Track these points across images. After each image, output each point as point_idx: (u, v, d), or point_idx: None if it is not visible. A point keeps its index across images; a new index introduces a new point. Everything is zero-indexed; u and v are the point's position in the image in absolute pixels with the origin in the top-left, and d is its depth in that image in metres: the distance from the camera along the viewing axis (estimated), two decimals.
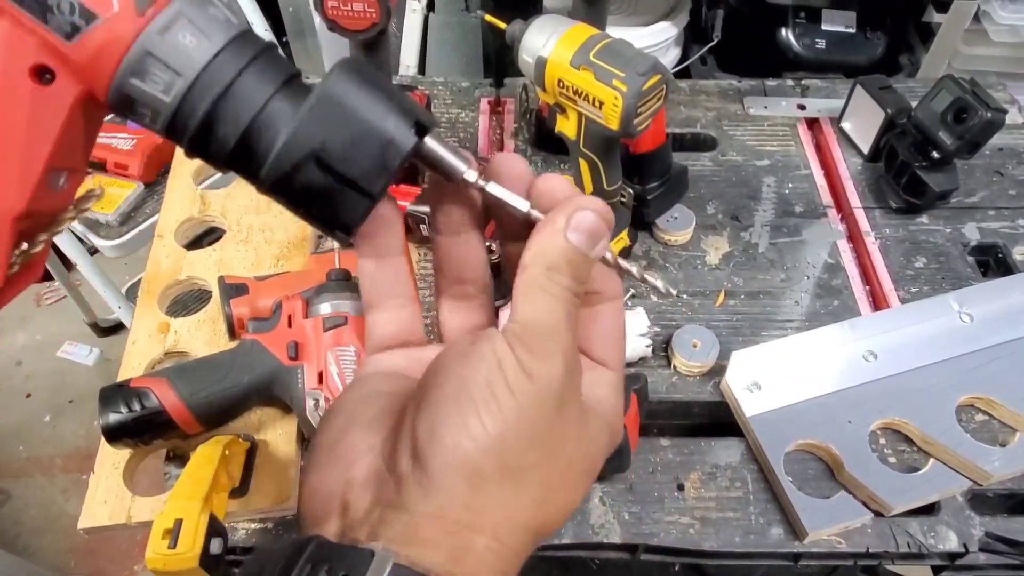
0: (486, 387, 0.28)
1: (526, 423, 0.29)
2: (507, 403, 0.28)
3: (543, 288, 0.30)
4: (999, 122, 0.87)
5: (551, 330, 0.30)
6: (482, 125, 1.09)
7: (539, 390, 0.29)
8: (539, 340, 0.29)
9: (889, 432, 0.77)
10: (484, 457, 0.28)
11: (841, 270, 0.92)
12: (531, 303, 0.30)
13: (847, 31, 1.48)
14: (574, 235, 0.30)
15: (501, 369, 0.29)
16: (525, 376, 0.29)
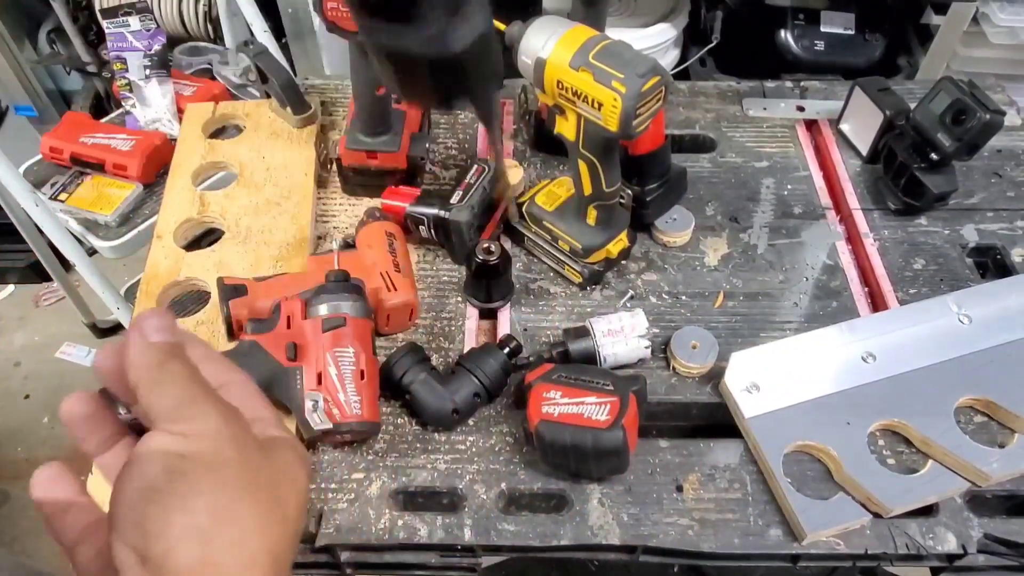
0: (163, 472, 0.33)
1: (211, 471, 0.33)
2: (185, 468, 0.33)
3: (158, 380, 0.35)
4: (997, 124, 0.87)
5: (190, 398, 0.35)
6: (481, 127, 1.09)
7: (206, 442, 0.34)
8: (184, 410, 0.34)
9: (888, 433, 0.77)
10: (199, 515, 0.32)
11: (840, 271, 0.92)
12: (157, 395, 0.35)
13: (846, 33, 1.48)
14: (153, 336, 0.36)
15: (165, 450, 0.33)
16: (187, 440, 0.33)
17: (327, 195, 1.00)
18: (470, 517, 0.72)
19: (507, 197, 0.90)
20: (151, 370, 0.35)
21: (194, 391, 0.35)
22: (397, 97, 0.97)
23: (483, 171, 0.89)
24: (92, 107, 2.04)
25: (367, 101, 0.89)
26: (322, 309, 0.75)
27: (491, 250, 0.82)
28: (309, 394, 0.71)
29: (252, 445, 0.36)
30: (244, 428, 0.36)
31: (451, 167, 1.03)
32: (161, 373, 0.35)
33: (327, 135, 1.07)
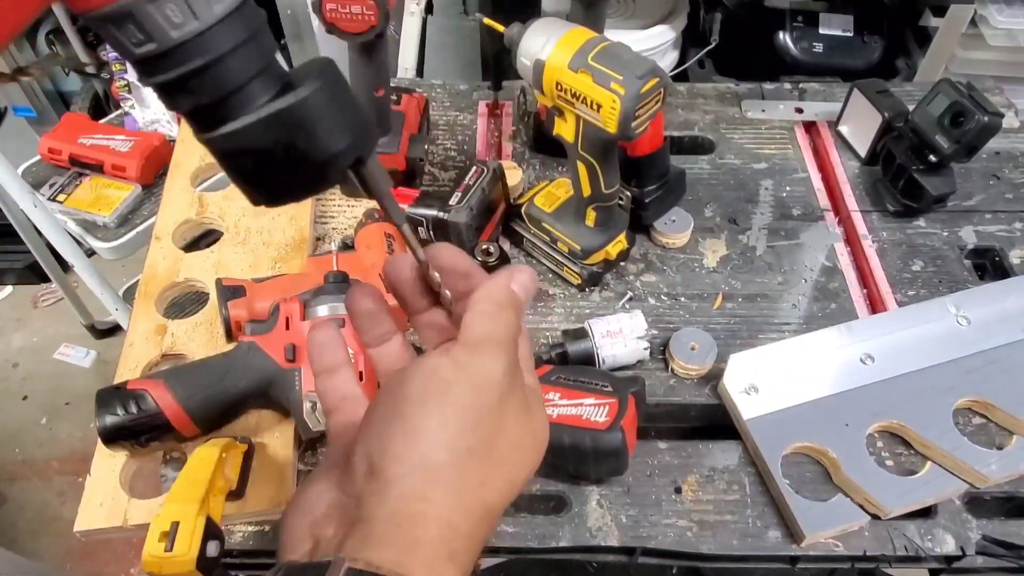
0: (429, 392, 0.34)
1: (470, 413, 0.34)
2: (450, 399, 0.34)
3: (492, 316, 0.37)
4: (996, 126, 0.87)
5: (496, 340, 0.36)
6: (480, 128, 1.09)
7: (478, 383, 0.34)
8: (484, 344, 0.35)
9: (886, 435, 0.77)
10: (436, 450, 0.33)
11: (838, 273, 0.92)
12: (481, 325, 0.36)
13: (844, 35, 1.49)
14: (516, 286, 0.38)
15: (442, 375, 0.34)
16: (465, 374, 0.34)
17: (326, 196, 1.00)
18: None
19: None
20: (500, 301, 0.37)
21: (503, 338, 0.36)
22: (396, 98, 0.98)
23: (482, 172, 0.89)
24: (91, 108, 2.04)
25: (366, 102, 0.89)
26: (321, 310, 0.75)
27: (490, 251, 0.82)
28: (308, 395, 0.71)
29: (515, 407, 0.36)
30: (518, 391, 0.37)
31: (450, 168, 1.03)
32: (501, 308, 0.37)
33: None
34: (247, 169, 0.34)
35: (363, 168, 0.37)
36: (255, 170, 0.34)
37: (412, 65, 1.44)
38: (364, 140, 0.36)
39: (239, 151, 0.33)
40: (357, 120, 0.35)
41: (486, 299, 0.37)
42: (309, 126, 0.33)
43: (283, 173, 0.34)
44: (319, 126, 0.33)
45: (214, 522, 0.62)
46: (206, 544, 0.60)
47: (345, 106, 0.35)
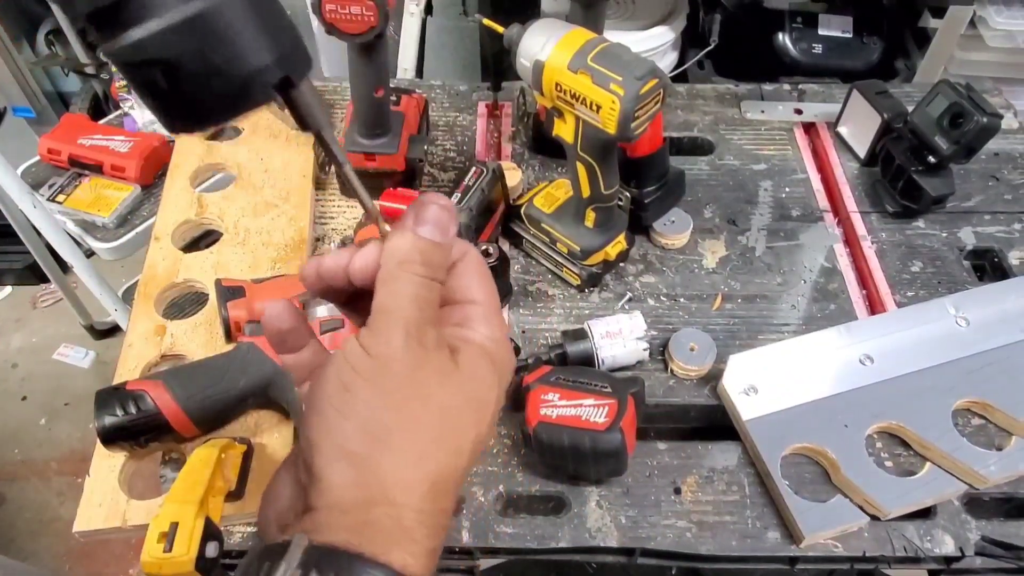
0: (337, 381, 0.34)
1: (377, 393, 0.33)
2: (355, 384, 0.33)
3: (392, 278, 0.35)
4: (995, 127, 0.87)
5: (391, 310, 0.34)
6: (480, 129, 1.09)
7: (381, 361, 0.33)
8: (380, 321, 0.34)
9: (885, 436, 0.77)
10: (351, 438, 0.33)
11: (838, 274, 0.92)
12: (379, 295, 0.35)
13: (844, 36, 1.49)
14: (424, 229, 0.36)
15: (347, 361, 0.34)
16: (366, 356, 0.34)
17: (325, 197, 1.00)
18: (468, 519, 0.72)
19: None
20: (392, 263, 0.35)
21: (395, 306, 0.34)
22: (395, 99, 0.98)
23: (481, 173, 0.89)
24: (90, 109, 2.03)
25: (365, 103, 0.89)
26: (320, 311, 0.75)
27: (489, 252, 0.82)
28: None
29: (433, 372, 0.35)
30: (432, 355, 0.35)
31: (449, 169, 1.03)
32: (392, 273, 0.35)
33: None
34: (157, 86, 0.30)
35: (294, 92, 0.33)
36: (167, 87, 0.30)
37: (411, 66, 1.44)
38: (293, 59, 0.33)
39: (146, 62, 0.29)
40: (287, 36, 0.32)
41: (386, 260, 0.35)
42: (224, 35, 0.30)
43: (199, 90, 0.30)
44: (238, 36, 0.30)
45: (213, 523, 0.62)
46: (205, 545, 0.60)
47: (271, 17, 0.32)
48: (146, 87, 0.31)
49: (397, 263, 0.35)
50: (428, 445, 0.34)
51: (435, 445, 0.34)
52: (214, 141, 1.04)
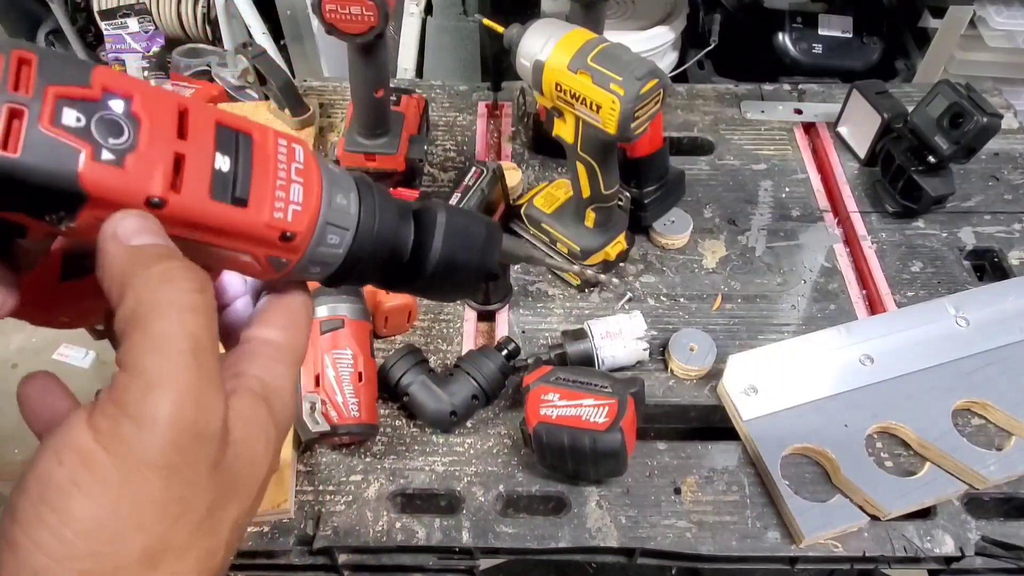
0: (62, 474, 0.24)
1: (119, 505, 0.24)
2: (85, 486, 0.24)
3: (149, 304, 0.25)
4: (994, 127, 0.87)
5: (150, 369, 0.24)
6: (480, 129, 1.09)
7: (128, 464, 0.24)
8: (132, 390, 0.24)
9: (885, 436, 0.77)
10: (71, 557, 0.23)
11: (838, 274, 0.92)
12: (133, 335, 0.25)
13: (844, 36, 1.49)
14: (121, 237, 0.25)
15: (76, 454, 0.24)
16: (103, 451, 0.24)
17: None
18: (468, 519, 0.72)
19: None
20: (142, 273, 0.25)
21: (172, 361, 0.25)
22: (395, 99, 0.98)
23: (481, 173, 0.89)
24: None
25: (365, 103, 0.89)
26: (320, 311, 0.75)
27: None
28: (307, 396, 0.71)
29: (204, 466, 0.26)
30: (204, 437, 0.25)
31: (449, 169, 1.03)
32: (159, 289, 0.25)
33: (326, 137, 1.07)
34: (450, 284, 0.38)
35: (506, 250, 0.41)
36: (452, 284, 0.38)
37: (412, 66, 1.44)
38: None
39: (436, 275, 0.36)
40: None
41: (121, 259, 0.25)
42: (462, 230, 0.37)
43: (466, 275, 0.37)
44: (467, 228, 0.37)
45: None
46: None
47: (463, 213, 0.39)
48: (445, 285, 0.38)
49: (154, 272, 0.25)
50: (177, 564, 0.25)
51: (190, 562, 0.26)
52: None
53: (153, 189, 0.26)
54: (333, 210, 0.31)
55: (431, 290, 0.37)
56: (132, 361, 0.25)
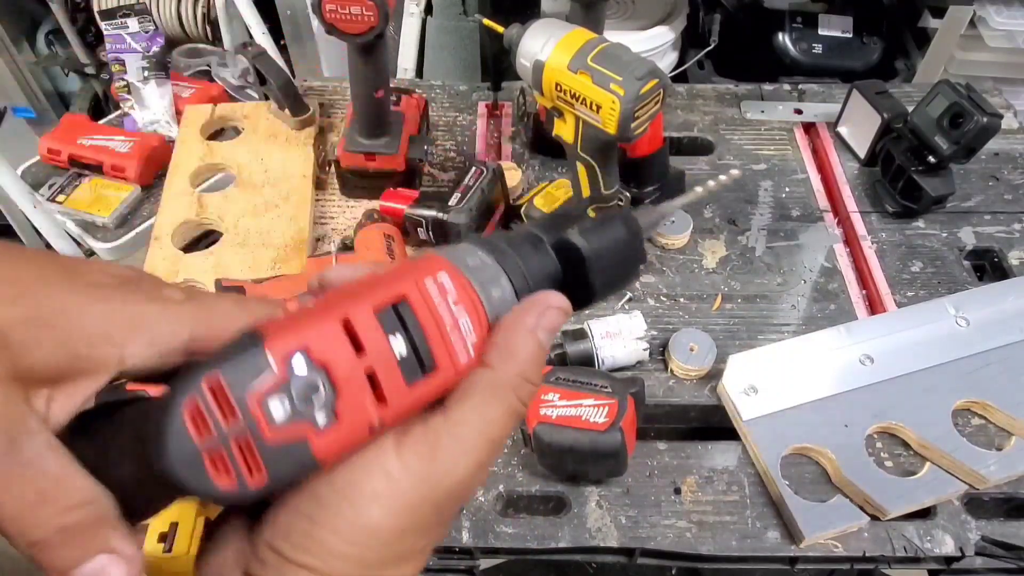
0: (372, 495, 0.27)
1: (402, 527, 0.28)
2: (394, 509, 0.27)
3: (502, 395, 0.29)
4: (994, 127, 0.87)
5: (471, 435, 0.29)
6: (480, 129, 1.09)
7: (423, 491, 0.28)
8: (453, 439, 0.28)
9: (885, 436, 0.77)
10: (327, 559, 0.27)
11: (838, 274, 0.92)
12: (482, 409, 0.29)
13: (844, 36, 1.49)
14: (543, 334, 0.30)
15: (374, 471, 0.28)
16: (411, 486, 0.28)
17: (325, 197, 1.00)
18: (468, 519, 0.72)
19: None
20: (515, 376, 0.30)
21: (500, 439, 0.30)
22: (395, 99, 0.98)
23: (481, 173, 0.89)
24: (90, 109, 2.03)
25: (366, 103, 0.89)
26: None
27: None
28: None
29: (458, 506, 0.30)
30: (473, 489, 0.30)
31: (449, 169, 1.03)
32: (519, 386, 0.30)
33: (326, 137, 1.07)
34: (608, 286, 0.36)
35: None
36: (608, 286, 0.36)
37: (412, 66, 1.44)
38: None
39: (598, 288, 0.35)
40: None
41: (505, 361, 0.29)
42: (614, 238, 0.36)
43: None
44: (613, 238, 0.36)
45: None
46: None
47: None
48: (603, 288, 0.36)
49: (517, 374, 0.30)
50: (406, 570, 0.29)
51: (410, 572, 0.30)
52: (214, 141, 1.04)
53: (372, 419, 0.27)
54: (497, 310, 0.31)
55: (597, 302, 0.37)
56: (456, 415, 0.29)
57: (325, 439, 0.26)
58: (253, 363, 0.25)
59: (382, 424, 0.27)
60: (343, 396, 0.26)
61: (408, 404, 0.28)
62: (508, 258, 0.32)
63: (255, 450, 0.25)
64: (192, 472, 0.24)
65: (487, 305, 0.30)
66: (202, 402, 0.24)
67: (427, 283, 0.29)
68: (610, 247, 0.35)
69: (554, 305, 0.31)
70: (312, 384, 0.26)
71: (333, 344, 0.26)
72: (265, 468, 0.25)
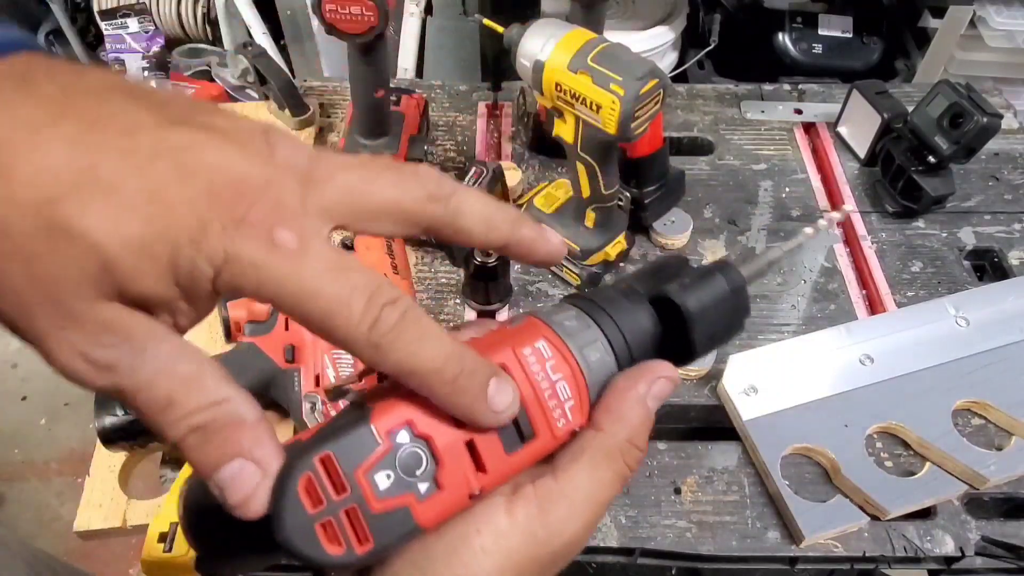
0: (480, 550, 0.28)
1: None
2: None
3: (612, 459, 0.30)
4: (994, 127, 0.87)
5: (583, 501, 0.30)
6: (480, 129, 1.09)
7: (532, 553, 0.29)
8: (565, 504, 0.29)
9: (885, 436, 0.77)
10: None
11: (838, 274, 0.92)
12: (591, 471, 0.30)
13: (844, 36, 1.49)
14: (652, 402, 0.32)
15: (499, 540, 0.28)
16: (519, 546, 0.29)
17: None
18: None
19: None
20: (624, 441, 0.31)
21: (606, 500, 0.31)
22: (395, 99, 0.98)
23: (481, 173, 0.89)
24: None
25: (365, 103, 0.89)
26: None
27: (489, 252, 0.82)
28: (307, 396, 0.71)
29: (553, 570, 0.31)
30: (573, 555, 0.31)
31: (449, 169, 1.03)
32: (627, 452, 0.31)
33: (325, 137, 1.07)
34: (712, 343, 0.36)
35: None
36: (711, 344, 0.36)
37: (411, 66, 1.44)
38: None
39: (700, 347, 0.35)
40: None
41: (618, 427, 0.31)
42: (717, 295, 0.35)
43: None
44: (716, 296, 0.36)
45: None
46: None
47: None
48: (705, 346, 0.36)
49: (627, 439, 0.31)
50: None
51: None
52: None
53: (472, 488, 0.28)
54: (595, 373, 0.31)
55: (699, 358, 0.37)
56: (566, 477, 0.30)
57: (427, 507, 0.27)
58: (360, 439, 0.27)
59: (483, 491, 0.28)
60: (444, 467, 0.27)
61: (508, 472, 0.29)
62: (605, 318, 0.32)
63: (362, 519, 0.26)
64: (306, 541, 0.26)
65: (585, 369, 0.31)
66: (315, 477, 0.26)
67: (525, 351, 0.30)
68: (711, 303, 0.34)
69: (665, 375, 0.32)
70: (415, 456, 0.27)
71: (435, 417, 0.28)
72: (371, 536, 0.26)
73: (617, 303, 0.33)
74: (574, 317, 0.32)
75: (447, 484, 0.27)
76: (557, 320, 0.32)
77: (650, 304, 0.34)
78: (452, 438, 0.28)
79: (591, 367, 0.31)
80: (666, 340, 0.34)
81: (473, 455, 0.28)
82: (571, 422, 0.30)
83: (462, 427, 0.28)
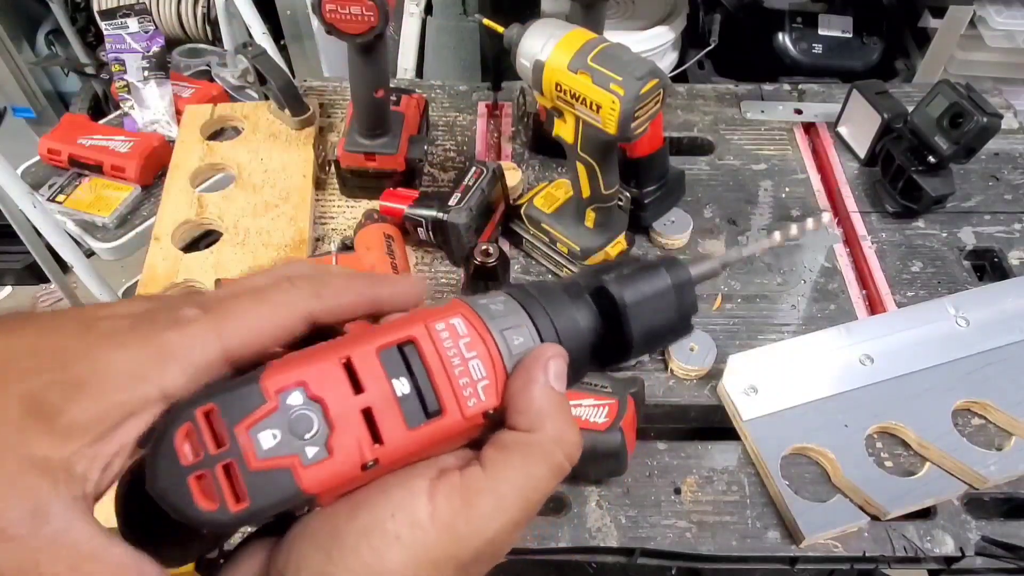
0: (394, 537, 0.27)
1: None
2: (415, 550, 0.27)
3: (548, 454, 0.29)
4: (994, 127, 0.87)
5: (508, 494, 0.28)
6: (480, 129, 1.09)
7: (451, 554, 0.27)
8: (490, 497, 0.28)
9: (885, 436, 0.77)
10: None
11: (838, 274, 0.92)
12: (523, 466, 0.29)
13: (844, 36, 1.49)
14: (558, 383, 0.30)
15: (418, 525, 0.27)
16: (436, 538, 0.27)
17: (325, 197, 1.00)
18: None
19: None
20: (550, 440, 0.29)
21: (537, 499, 0.29)
22: (395, 99, 0.98)
23: (481, 173, 0.89)
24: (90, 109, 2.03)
25: (365, 103, 0.89)
26: None
27: (489, 252, 0.82)
28: None
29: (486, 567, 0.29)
30: (503, 552, 0.29)
31: (449, 169, 1.03)
32: (553, 447, 0.29)
33: (325, 137, 1.07)
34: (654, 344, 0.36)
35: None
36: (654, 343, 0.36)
37: (412, 66, 1.44)
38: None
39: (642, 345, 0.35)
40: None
41: (537, 421, 0.29)
42: (658, 288, 0.34)
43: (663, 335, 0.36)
44: (656, 289, 0.35)
45: None
46: None
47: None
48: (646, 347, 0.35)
49: (554, 437, 0.29)
50: None
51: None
52: (214, 141, 1.04)
53: (365, 457, 0.27)
54: (516, 354, 0.30)
55: (639, 355, 0.36)
56: (495, 469, 0.28)
57: (313, 472, 0.26)
58: (246, 395, 0.26)
59: (378, 463, 0.27)
60: (336, 432, 0.27)
61: (409, 446, 0.28)
62: (536, 306, 0.32)
63: (240, 476, 0.25)
64: (178, 493, 0.25)
65: (504, 351, 0.30)
66: (195, 428, 0.25)
67: (438, 326, 0.29)
68: (651, 296, 0.33)
69: (551, 355, 0.31)
70: (305, 419, 0.26)
71: (330, 381, 0.27)
72: (248, 494, 0.25)
73: (552, 293, 0.33)
74: (502, 303, 0.32)
75: (338, 451, 0.26)
76: (482, 303, 0.31)
77: (591, 297, 0.33)
78: (347, 404, 0.27)
79: (512, 351, 0.30)
80: (606, 335, 0.33)
81: (370, 424, 0.27)
82: (483, 402, 0.29)
83: (359, 393, 0.27)
